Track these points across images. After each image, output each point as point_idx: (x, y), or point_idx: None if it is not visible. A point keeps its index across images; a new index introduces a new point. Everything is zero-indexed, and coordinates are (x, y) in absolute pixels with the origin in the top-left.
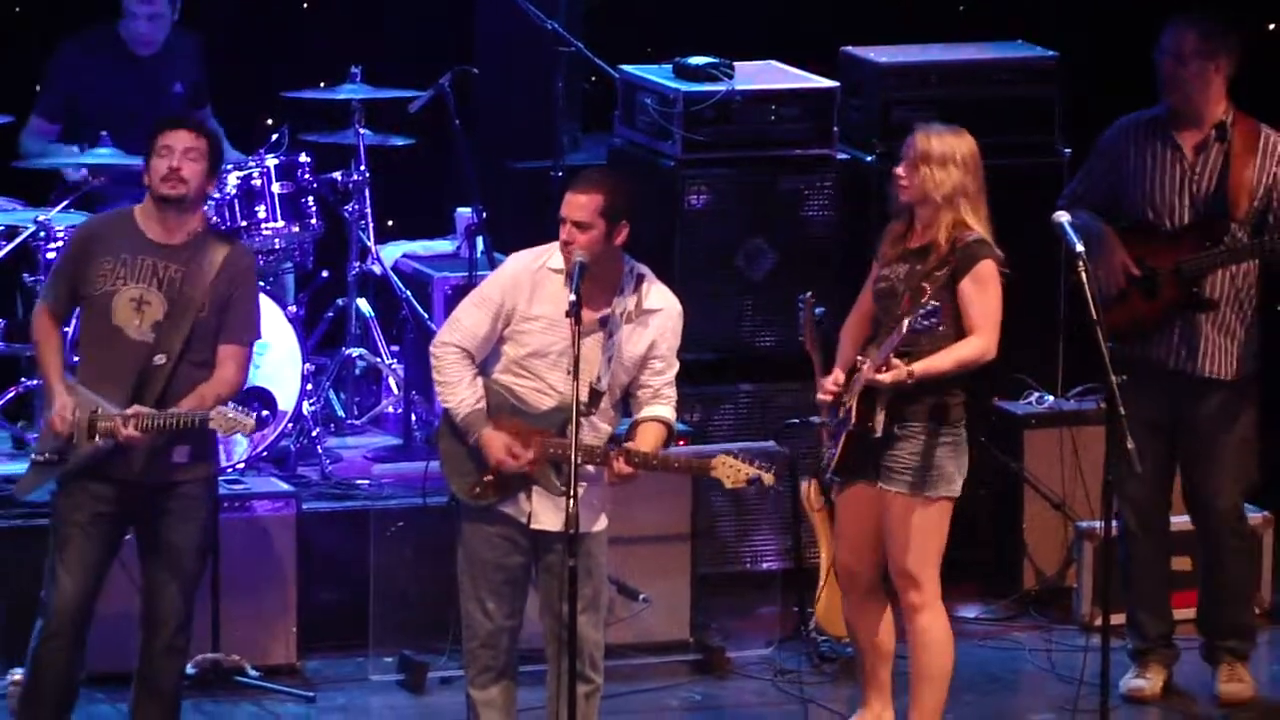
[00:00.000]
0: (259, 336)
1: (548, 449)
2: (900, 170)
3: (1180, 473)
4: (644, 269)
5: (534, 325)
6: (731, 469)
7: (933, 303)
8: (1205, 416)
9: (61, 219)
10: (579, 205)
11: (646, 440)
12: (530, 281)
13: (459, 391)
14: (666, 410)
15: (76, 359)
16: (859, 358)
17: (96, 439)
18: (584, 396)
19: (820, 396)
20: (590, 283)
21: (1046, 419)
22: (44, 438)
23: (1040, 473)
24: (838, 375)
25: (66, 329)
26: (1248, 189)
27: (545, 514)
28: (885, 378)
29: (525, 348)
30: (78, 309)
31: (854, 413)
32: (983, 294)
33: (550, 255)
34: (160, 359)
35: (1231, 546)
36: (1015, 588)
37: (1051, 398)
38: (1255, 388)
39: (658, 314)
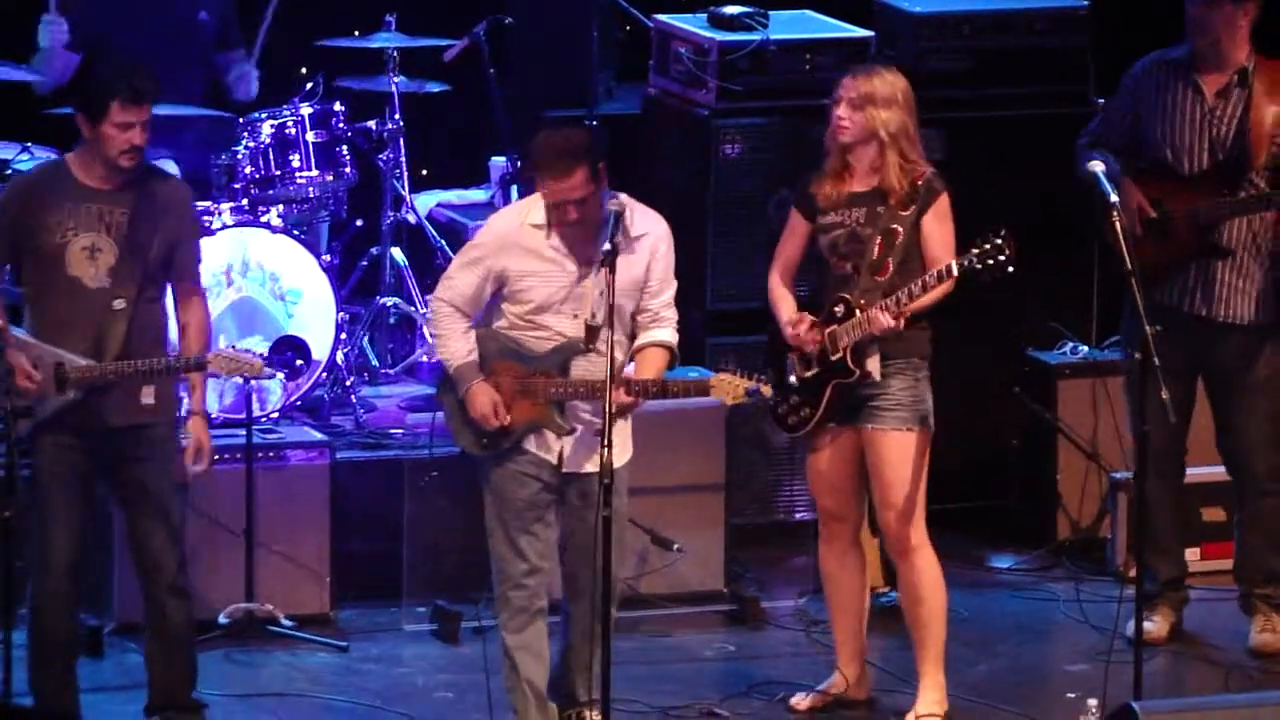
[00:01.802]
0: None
1: (550, 390)
2: (841, 111)
3: (1213, 420)
4: (624, 198)
5: (531, 282)
6: (730, 385)
7: (989, 239)
8: (1228, 361)
9: None
10: (572, 188)
11: (648, 367)
12: (515, 242)
13: (451, 344)
14: (666, 333)
15: (28, 317)
16: (836, 309)
17: (68, 391)
18: (572, 332)
19: (807, 348)
20: (579, 226)
21: (1080, 369)
22: (3, 394)
23: (1074, 423)
24: (811, 334)
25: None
26: (1267, 135)
27: (576, 455)
28: (901, 324)
29: (528, 304)
30: (17, 265)
31: (849, 362)
32: (943, 227)
33: (531, 211)
34: (119, 303)
35: (1265, 491)
36: (1049, 538)
37: (1085, 348)
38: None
39: (645, 238)
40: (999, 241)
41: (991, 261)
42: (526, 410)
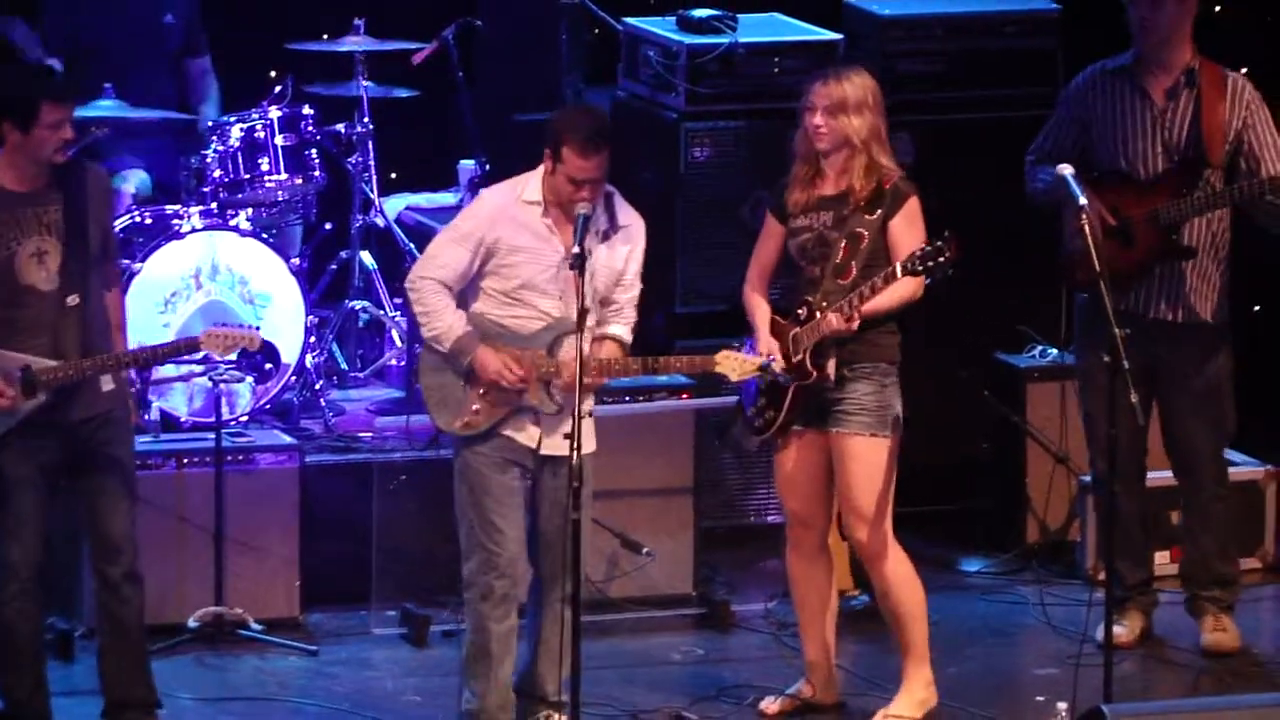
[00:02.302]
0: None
1: (538, 369)
2: (818, 120)
3: (1160, 424)
4: (609, 188)
5: (519, 257)
6: (737, 361)
7: (929, 246)
8: (1181, 364)
9: None
10: (598, 166)
11: (606, 352)
12: (509, 215)
13: (445, 317)
14: (623, 330)
15: None
16: (800, 312)
17: (38, 394)
18: (556, 313)
19: (779, 362)
20: (566, 212)
21: (1048, 372)
22: None
23: (1043, 426)
24: (772, 343)
25: None
26: (1221, 132)
27: (552, 439)
28: (853, 325)
29: (514, 280)
30: None
31: (808, 365)
32: (912, 230)
33: (525, 187)
34: (73, 299)
35: (1214, 495)
36: (1018, 541)
37: (1054, 351)
38: (1229, 333)
39: (630, 228)
40: (940, 244)
41: (932, 263)
42: (527, 387)
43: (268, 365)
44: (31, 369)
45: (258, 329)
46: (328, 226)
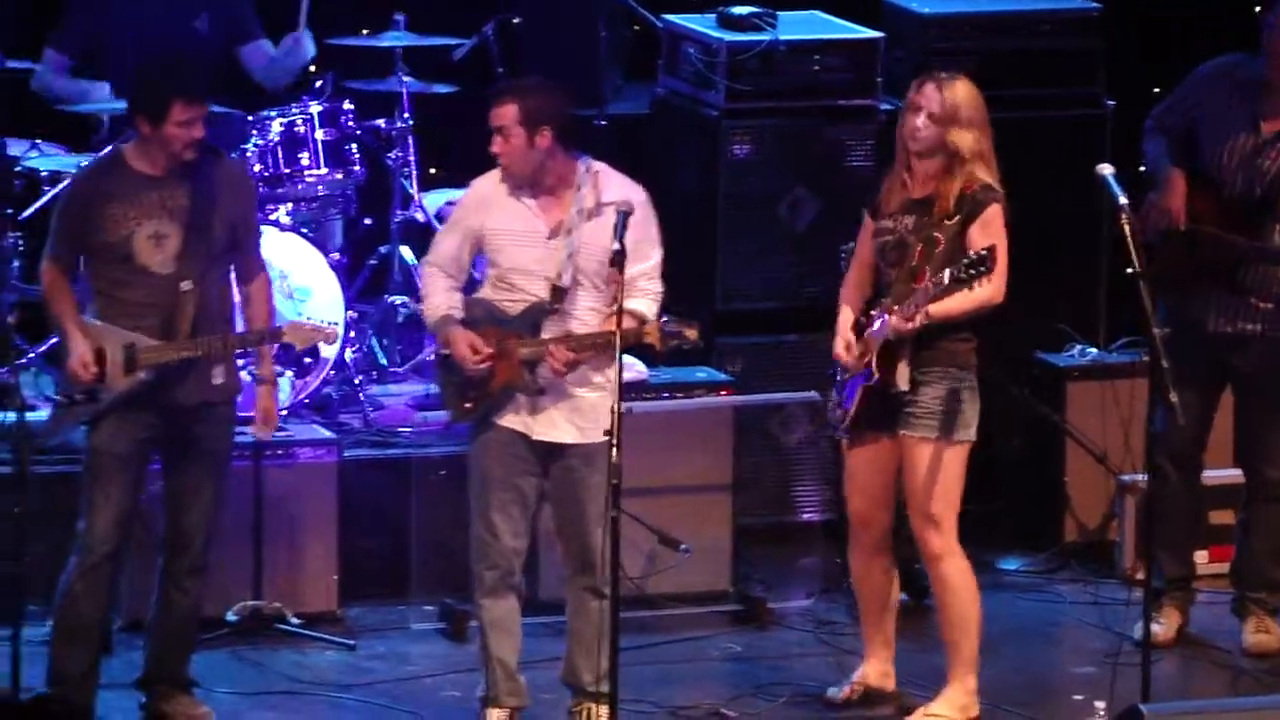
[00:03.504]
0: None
1: (519, 350)
2: (919, 123)
3: (1234, 426)
4: (600, 165)
5: (504, 241)
6: (654, 330)
7: (976, 251)
8: (1252, 370)
9: None
10: (496, 115)
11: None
12: (490, 200)
13: (432, 300)
14: (641, 303)
15: (95, 305)
16: (873, 312)
17: (138, 372)
18: (546, 295)
19: (848, 361)
20: (541, 188)
21: (1089, 371)
22: (67, 381)
23: (1082, 425)
24: (849, 335)
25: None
26: None
27: (552, 425)
28: (910, 326)
29: (502, 265)
30: (86, 258)
31: (876, 368)
32: (989, 238)
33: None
34: (186, 285)
35: (1275, 497)
36: (1056, 540)
37: (1094, 350)
38: None
39: (620, 204)
40: (984, 254)
41: (975, 273)
42: (502, 372)
43: (307, 359)
44: (134, 347)
45: (335, 325)
46: (367, 222)
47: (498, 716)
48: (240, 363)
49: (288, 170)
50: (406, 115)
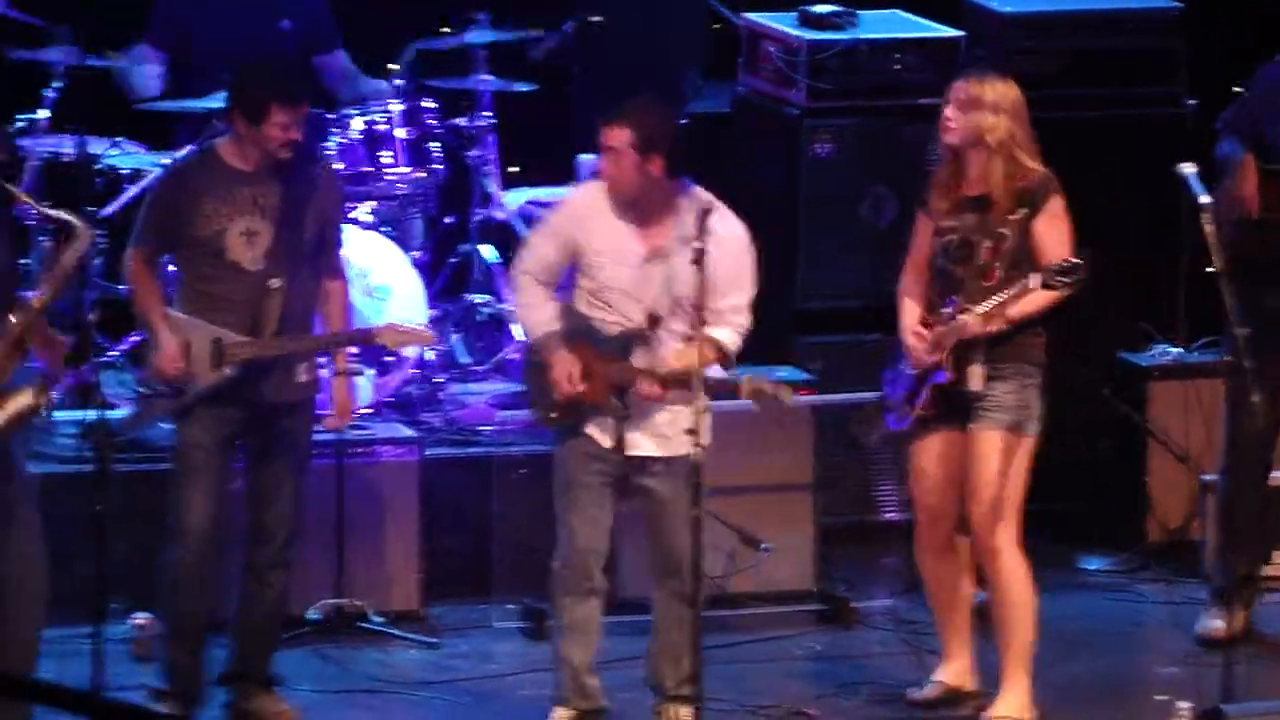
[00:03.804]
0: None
1: (610, 374)
2: (948, 113)
3: None
4: (709, 198)
5: (601, 259)
6: (756, 385)
7: (1066, 262)
8: None
9: None
10: (608, 135)
11: (684, 357)
12: (591, 214)
13: (534, 314)
14: (725, 333)
15: (182, 298)
16: (945, 310)
17: (224, 368)
18: (638, 317)
19: (917, 355)
20: (644, 212)
21: (1170, 371)
22: (152, 375)
23: (1164, 424)
24: (921, 332)
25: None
26: None
27: (634, 439)
28: (990, 329)
29: (596, 281)
30: (174, 252)
31: (950, 367)
32: (1055, 230)
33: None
34: (275, 283)
35: None
36: (1138, 540)
37: (1176, 350)
38: None
39: (720, 240)
40: (1077, 261)
41: (1069, 278)
42: (590, 393)
43: (388, 358)
44: (222, 342)
45: (433, 330)
46: (448, 220)
47: (563, 716)
48: (320, 359)
49: (369, 168)
50: (487, 113)
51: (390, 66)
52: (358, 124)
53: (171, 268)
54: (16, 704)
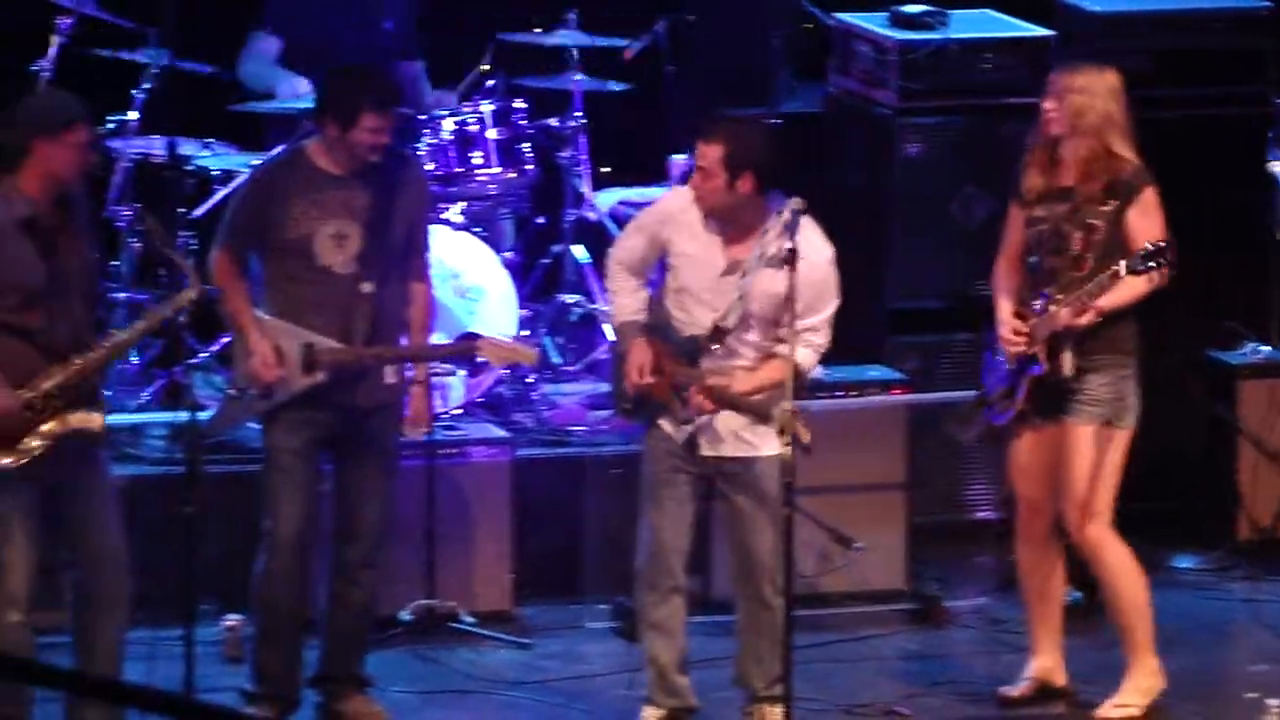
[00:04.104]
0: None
1: (675, 375)
2: (1048, 104)
3: None
4: (799, 216)
5: (682, 262)
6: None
7: (1151, 245)
8: None
9: None
10: (701, 153)
11: (754, 376)
12: (680, 218)
13: (619, 299)
14: (802, 353)
15: (270, 300)
16: (1037, 301)
17: (316, 374)
18: (708, 323)
19: (1012, 347)
20: (730, 226)
21: (1261, 369)
22: (242, 376)
23: (1255, 423)
24: (1017, 322)
25: None
26: None
27: (711, 440)
28: (1084, 320)
29: (677, 281)
30: (262, 253)
31: (1044, 357)
32: (1149, 222)
33: None
34: (367, 287)
35: None
36: (1229, 539)
37: (1266, 348)
38: None
39: (805, 259)
40: (1163, 245)
41: (1154, 264)
42: (658, 389)
43: (480, 359)
44: (314, 347)
45: (535, 347)
46: (540, 221)
47: (652, 715)
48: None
49: (460, 169)
50: (579, 113)
51: (483, 67)
52: (449, 125)
53: (259, 271)
54: (104, 707)
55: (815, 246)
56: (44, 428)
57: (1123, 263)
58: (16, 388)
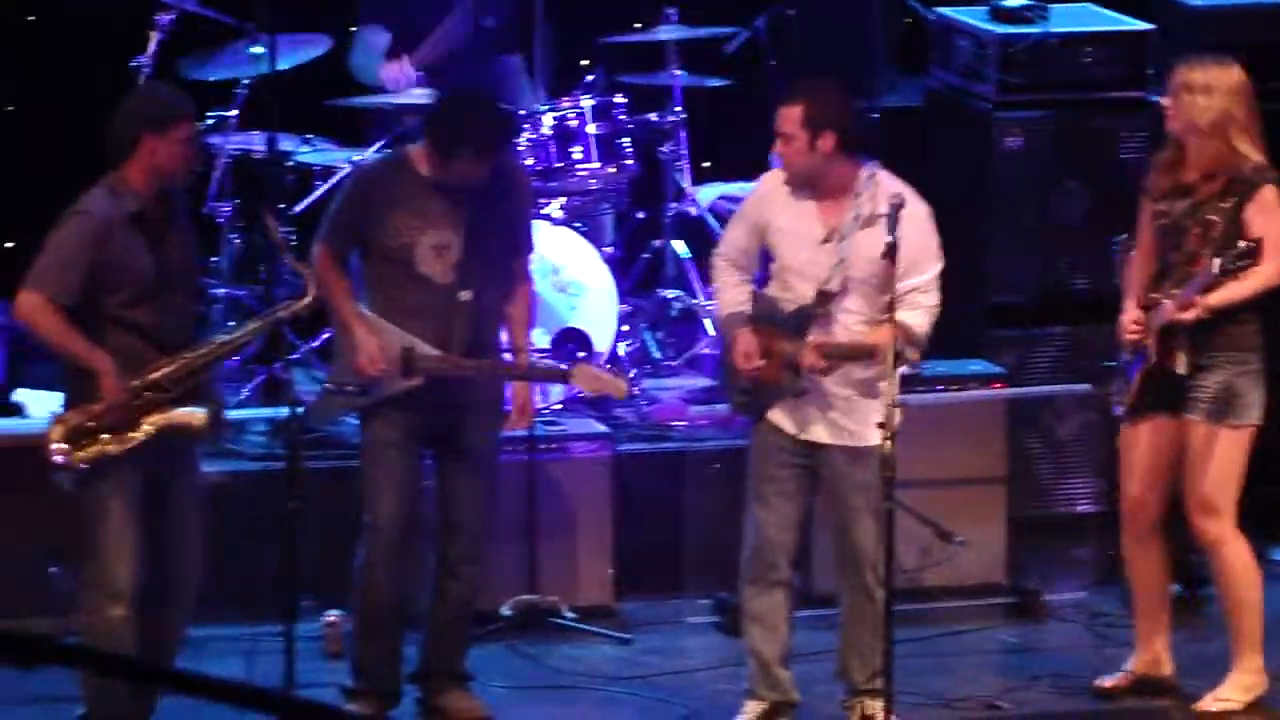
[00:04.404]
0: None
1: (784, 350)
2: (1166, 101)
3: None
4: (881, 171)
5: (781, 238)
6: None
7: (1245, 242)
8: None
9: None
10: (781, 116)
11: (866, 336)
12: (774, 196)
13: (722, 294)
14: (912, 315)
15: (369, 300)
16: (1154, 295)
17: (414, 378)
18: (811, 295)
19: (1127, 336)
20: (821, 191)
21: None
22: (343, 370)
23: None
24: (1136, 313)
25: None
26: None
27: (815, 425)
28: (1188, 316)
29: (779, 261)
30: (362, 252)
31: (1154, 351)
32: (1268, 219)
33: None
34: (465, 295)
35: None
36: None
37: None
38: None
39: (896, 213)
40: (1252, 245)
41: (1244, 264)
42: (768, 371)
43: (580, 354)
44: (414, 351)
45: (627, 382)
46: (640, 215)
47: (754, 709)
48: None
49: (560, 164)
50: (678, 109)
51: (582, 63)
52: (548, 120)
53: (359, 268)
54: (143, 695)
55: (913, 206)
56: (149, 418)
57: (1216, 260)
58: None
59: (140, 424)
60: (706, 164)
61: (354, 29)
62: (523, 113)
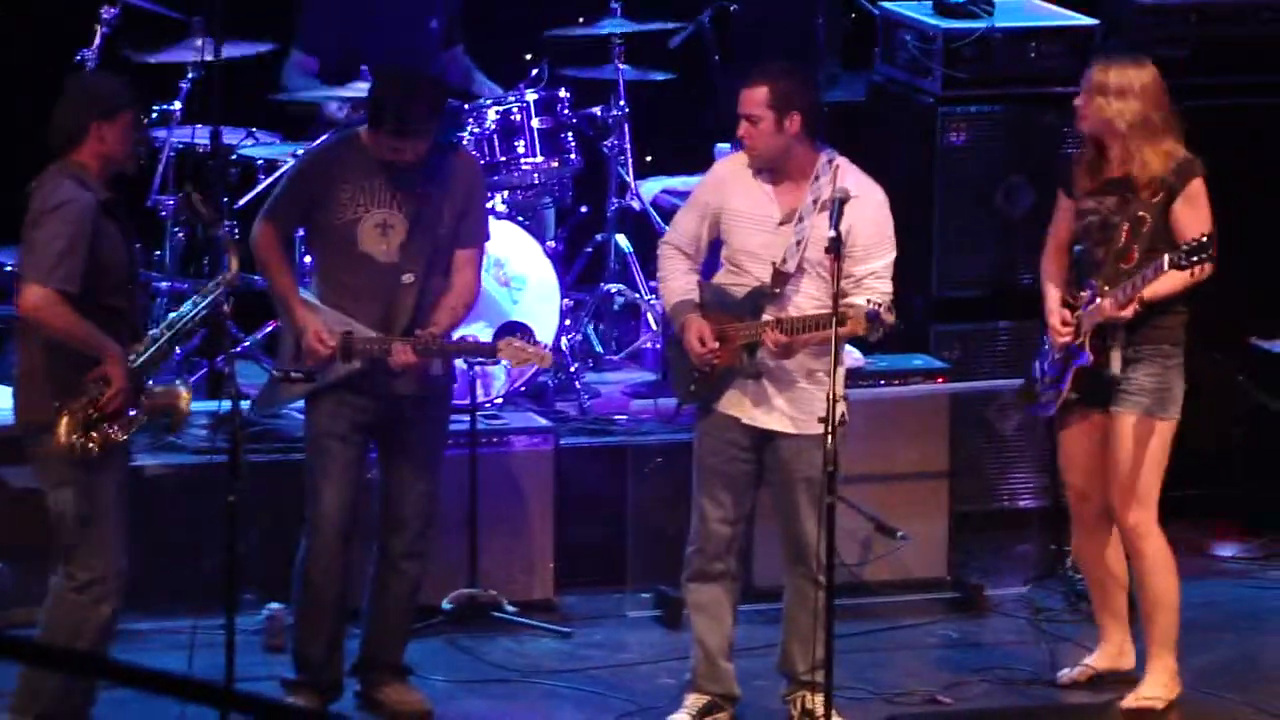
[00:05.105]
0: (489, 238)
1: (739, 333)
2: (1079, 100)
3: None
4: (839, 158)
5: (736, 221)
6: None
7: (1195, 240)
8: None
9: None
10: (745, 99)
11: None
12: (730, 180)
13: (669, 282)
14: (863, 301)
15: (310, 282)
16: (1083, 293)
17: (353, 361)
18: (767, 278)
19: (1059, 339)
20: (782, 173)
21: None
22: (287, 357)
23: None
24: (1063, 313)
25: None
26: None
27: (765, 412)
28: (1126, 313)
29: (733, 245)
30: (306, 235)
31: (1089, 349)
32: (1194, 213)
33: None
34: (408, 278)
35: None
36: (1274, 526)
37: None
38: None
39: (851, 201)
40: (1205, 239)
41: (1197, 258)
42: (723, 355)
43: (501, 359)
44: (352, 335)
45: (549, 349)
46: (583, 210)
47: (695, 701)
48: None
49: (503, 158)
50: (622, 103)
51: (527, 57)
52: (492, 114)
53: (307, 259)
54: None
55: (866, 187)
56: (138, 402)
57: (1166, 256)
58: None
59: (134, 408)
60: (649, 158)
61: (289, 50)
62: (467, 107)
